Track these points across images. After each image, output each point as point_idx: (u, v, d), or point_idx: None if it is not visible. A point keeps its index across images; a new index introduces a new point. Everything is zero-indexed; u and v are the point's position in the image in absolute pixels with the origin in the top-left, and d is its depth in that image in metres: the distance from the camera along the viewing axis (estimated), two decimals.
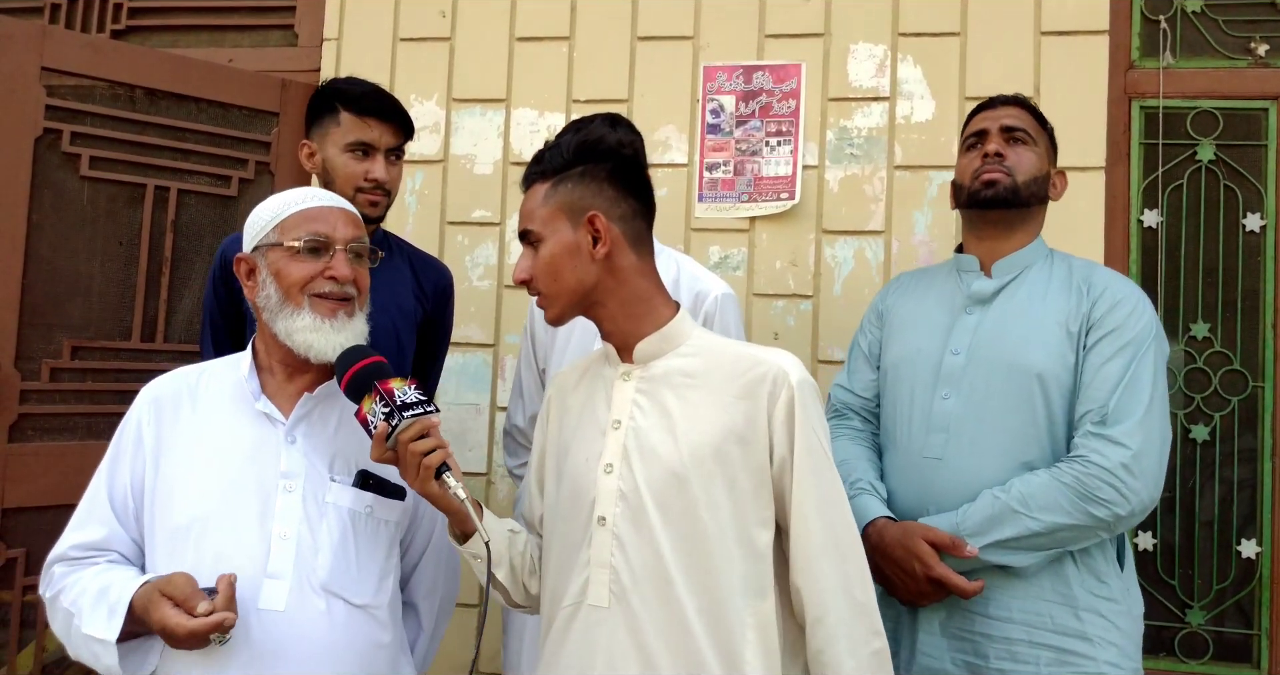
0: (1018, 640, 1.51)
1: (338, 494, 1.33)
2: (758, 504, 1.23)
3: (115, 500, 1.33)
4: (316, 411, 1.37)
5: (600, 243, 1.25)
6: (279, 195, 1.40)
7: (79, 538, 1.32)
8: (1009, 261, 1.67)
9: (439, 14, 2.57)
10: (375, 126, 1.85)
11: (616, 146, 1.30)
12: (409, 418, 1.22)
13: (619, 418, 1.27)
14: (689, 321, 1.32)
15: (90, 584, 1.26)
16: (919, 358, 1.67)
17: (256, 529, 1.28)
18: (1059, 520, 1.48)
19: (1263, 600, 2.23)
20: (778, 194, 2.38)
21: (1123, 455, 1.48)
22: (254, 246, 1.37)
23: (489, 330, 2.50)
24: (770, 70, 2.40)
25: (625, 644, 1.20)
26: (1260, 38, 2.35)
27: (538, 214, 1.27)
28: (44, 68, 2.24)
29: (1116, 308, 1.57)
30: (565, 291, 1.27)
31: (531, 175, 1.31)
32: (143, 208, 2.38)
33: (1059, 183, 1.73)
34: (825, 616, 1.20)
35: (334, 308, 1.33)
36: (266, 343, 1.38)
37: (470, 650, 2.44)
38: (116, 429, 1.38)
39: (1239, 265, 2.31)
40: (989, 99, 1.76)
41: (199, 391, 1.38)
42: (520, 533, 1.39)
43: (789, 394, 1.22)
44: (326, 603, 1.28)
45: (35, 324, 2.25)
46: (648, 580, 1.20)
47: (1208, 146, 2.33)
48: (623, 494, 1.24)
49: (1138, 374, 1.52)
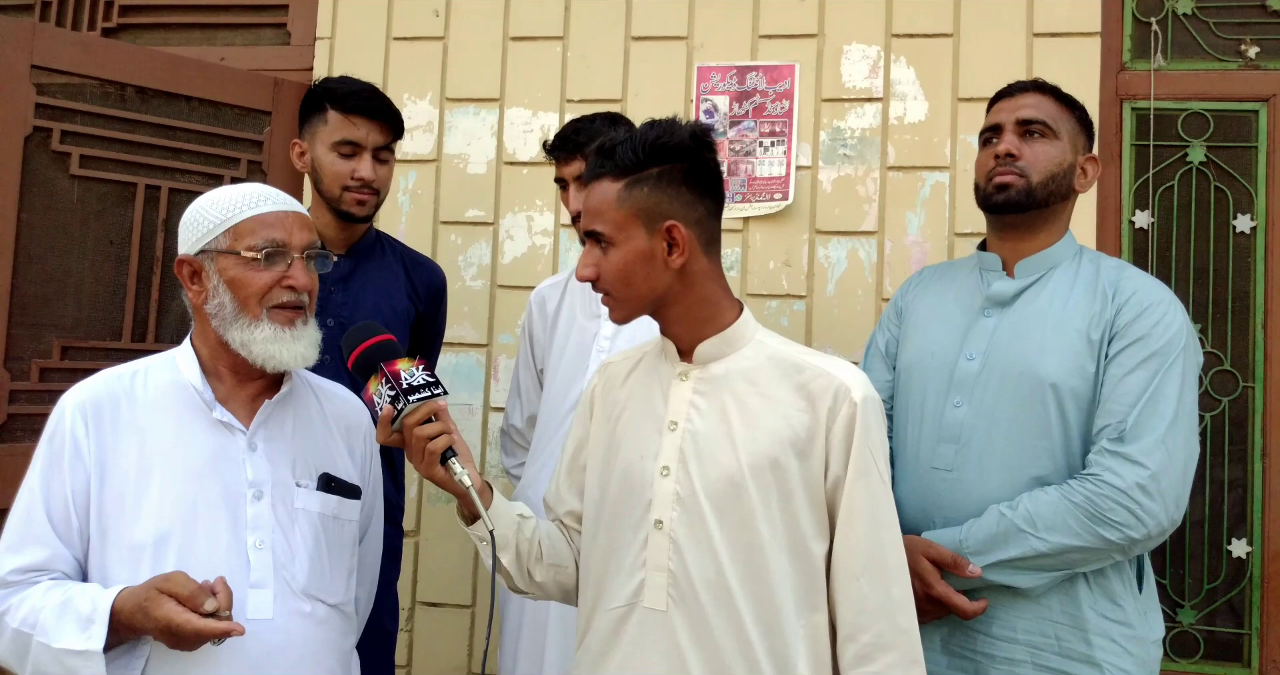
0: (1020, 661, 1.44)
1: (305, 499, 1.32)
2: (813, 517, 1.21)
3: (55, 517, 1.24)
4: (273, 416, 1.34)
5: (677, 251, 1.21)
6: (222, 193, 1.34)
7: (18, 561, 1.23)
8: (1033, 261, 1.57)
9: (432, 13, 2.57)
10: (362, 125, 1.84)
11: (692, 144, 1.22)
12: (415, 401, 1.20)
13: (675, 419, 1.25)
14: (752, 324, 1.29)
15: (43, 601, 1.20)
16: (932, 362, 1.58)
17: (230, 540, 1.25)
18: (1067, 542, 1.40)
19: (1253, 600, 2.24)
20: (771, 194, 2.38)
21: (1139, 475, 1.39)
22: (200, 249, 1.30)
23: (482, 330, 2.49)
24: (764, 71, 2.41)
25: (688, 647, 1.19)
26: (1250, 40, 2.36)
27: (609, 216, 1.21)
28: (34, 65, 2.23)
29: (1144, 315, 1.46)
30: (636, 297, 1.24)
31: (600, 170, 1.24)
32: (134, 207, 2.37)
33: (1089, 169, 1.60)
34: (859, 635, 1.18)
35: (291, 317, 1.30)
36: (212, 348, 1.32)
37: (460, 651, 2.44)
38: (42, 436, 1.29)
39: (1229, 266, 2.32)
40: (1008, 86, 1.64)
41: (136, 396, 1.31)
42: (530, 518, 1.36)
43: (850, 411, 1.20)
44: (310, 606, 1.29)
45: (25, 323, 2.24)
46: (706, 587, 1.19)
47: (1198, 148, 2.34)
48: (680, 498, 1.22)
49: (1162, 387, 1.42)
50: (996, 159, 1.57)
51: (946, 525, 1.50)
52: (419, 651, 2.45)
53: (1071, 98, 1.63)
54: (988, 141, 1.62)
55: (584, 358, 1.88)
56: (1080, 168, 1.60)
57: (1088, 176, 1.61)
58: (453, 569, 2.45)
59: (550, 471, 1.80)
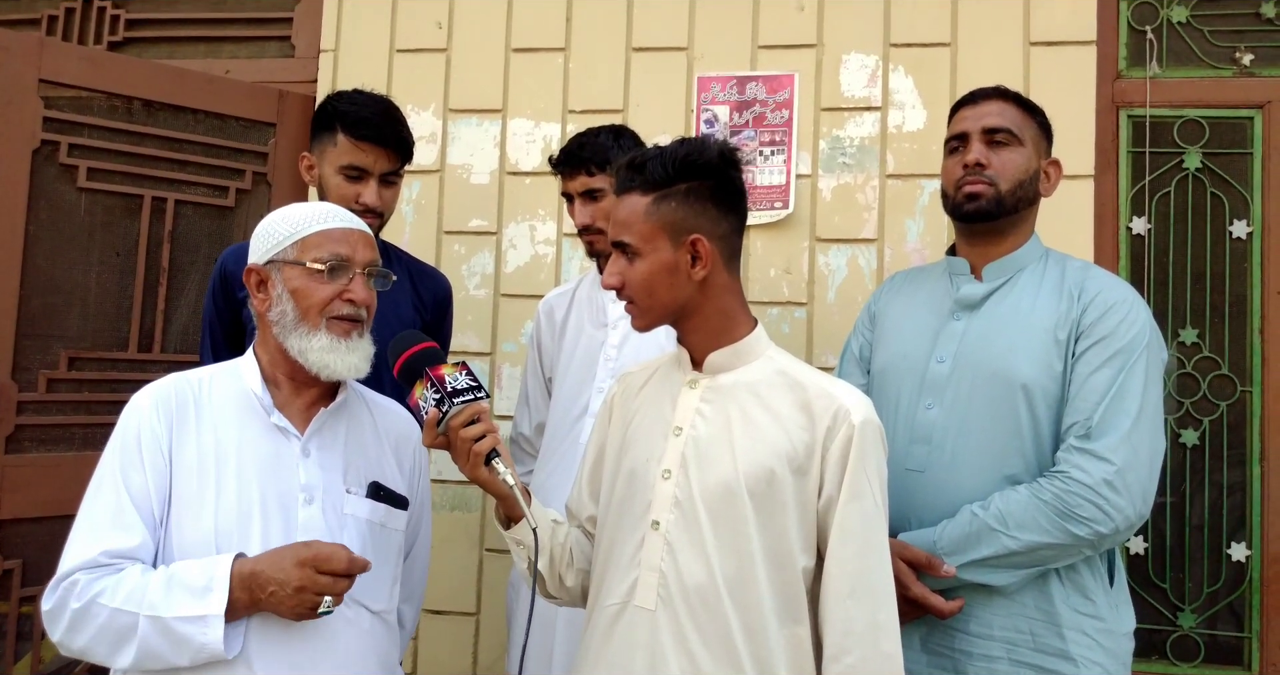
0: (998, 658, 1.47)
1: (354, 506, 1.35)
2: (801, 532, 1.23)
3: (141, 506, 1.27)
4: (327, 425, 1.38)
5: (700, 264, 1.26)
6: (295, 209, 1.40)
7: (110, 544, 1.23)
8: (1000, 265, 1.61)
9: (435, 25, 2.59)
10: (370, 152, 1.84)
11: (720, 163, 1.27)
12: (459, 404, 1.23)
13: (680, 424, 1.29)
14: (764, 340, 1.32)
15: (144, 580, 1.21)
16: (904, 365, 1.62)
17: (281, 542, 1.28)
18: (1038, 539, 1.43)
19: (1253, 603, 2.26)
20: (771, 203, 2.40)
21: (1105, 471, 1.42)
22: (268, 259, 1.36)
23: (486, 339, 2.51)
24: (764, 80, 2.43)
25: (669, 647, 1.21)
26: (1245, 47, 2.38)
27: (637, 228, 1.26)
28: (41, 79, 2.26)
29: (1108, 314, 1.50)
30: (658, 307, 1.28)
31: (630, 184, 1.28)
32: (140, 219, 2.39)
33: (1052, 173, 1.64)
34: (843, 656, 1.20)
35: (348, 328, 1.34)
36: (272, 355, 1.38)
37: (464, 659, 2.44)
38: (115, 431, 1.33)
39: (1226, 271, 2.34)
40: (970, 93, 1.68)
41: (203, 399, 1.36)
42: (563, 524, 1.41)
43: (848, 432, 1.22)
44: (354, 612, 1.31)
45: (32, 335, 2.26)
46: (695, 589, 1.22)
47: (1194, 155, 2.36)
48: (678, 501, 1.25)
49: (1126, 384, 1.46)
50: (965, 168, 1.59)
51: (921, 525, 1.53)
52: (424, 659, 2.46)
53: (1032, 103, 1.66)
54: (954, 150, 1.65)
55: (591, 366, 1.89)
56: (1044, 172, 1.63)
57: (1051, 180, 1.65)
58: (457, 577, 2.46)
59: (558, 478, 1.82)
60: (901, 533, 1.53)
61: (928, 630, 1.53)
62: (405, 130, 1.91)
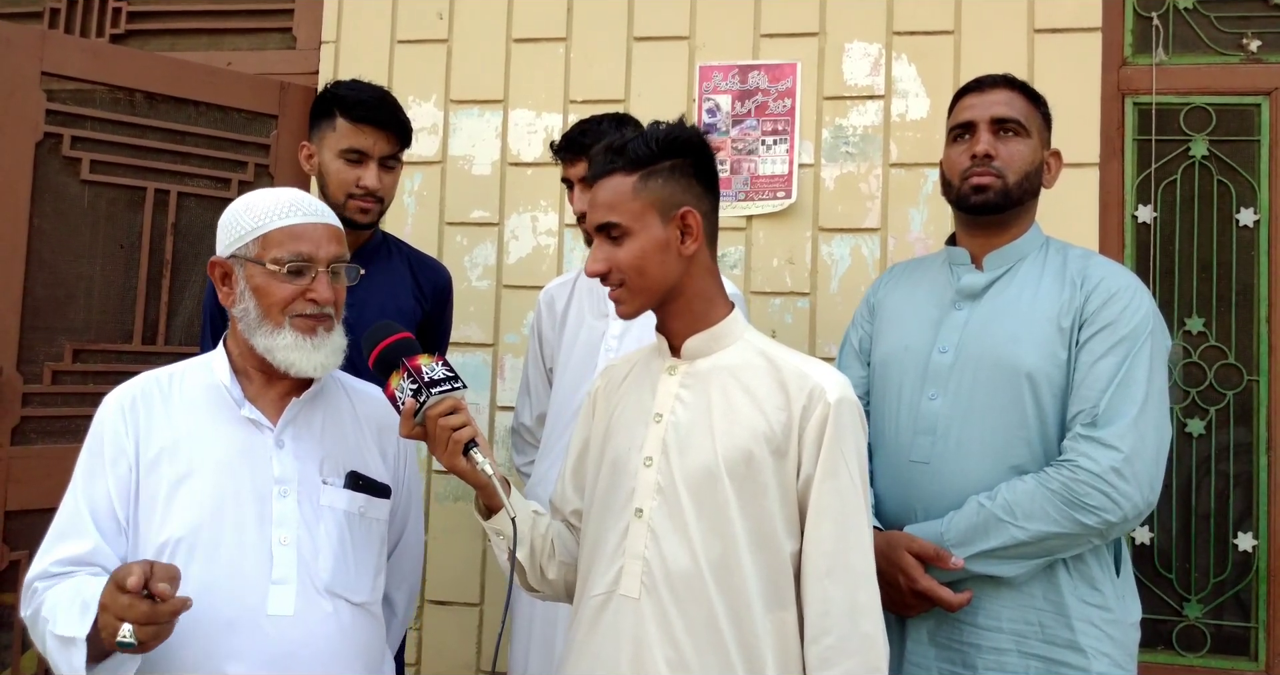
0: (1007, 650, 1.46)
1: (331, 496, 1.33)
2: (785, 514, 1.22)
3: (99, 514, 1.26)
4: (302, 415, 1.36)
5: (691, 238, 1.26)
6: (259, 197, 1.35)
7: (62, 552, 1.24)
8: (1001, 253, 1.59)
9: (436, 16, 2.59)
10: (370, 134, 1.85)
11: (698, 140, 1.29)
12: (437, 394, 1.23)
13: (660, 411, 1.28)
14: (741, 323, 1.32)
15: (67, 591, 1.20)
16: (906, 356, 1.60)
17: (255, 536, 1.26)
18: (1046, 529, 1.41)
19: (1260, 593, 2.25)
20: (774, 192, 2.39)
21: (1113, 459, 1.41)
22: (231, 254, 1.33)
23: (488, 330, 2.51)
24: (766, 69, 2.42)
25: (654, 636, 1.21)
26: (1252, 33, 2.36)
27: (625, 207, 1.25)
28: (44, 72, 2.26)
29: (1111, 301, 1.49)
30: (649, 287, 1.26)
31: (611, 166, 1.27)
32: (143, 211, 2.39)
33: (1054, 164, 1.63)
34: (822, 637, 1.19)
35: (313, 325, 1.31)
36: (242, 348, 1.35)
37: (468, 649, 2.45)
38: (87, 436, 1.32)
39: (1233, 260, 2.32)
40: (975, 80, 1.65)
41: (171, 395, 1.34)
42: (544, 515, 1.40)
43: (823, 411, 1.21)
44: (333, 605, 1.29)
45: (37, 327, 2.27)
46: (680, 576, 1.21)
47: (1200, 142, 2.34)
48: (660, 487, 1.25)
49: (1131, 372, 1.44)
50: (973, 158, 1.57)
51: (927, 517, 1.51)
52: (428, 649, 2.47)
53: (1036, 92, 1.64)
54: (958, 138, 1.62)
55: (592, 356, 1.89)
56: (1045, 163, 1.62)
57: (1052, 172, 1.63)
58: (461, 567, 2.47)
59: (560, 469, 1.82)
60: (908, 525, 1.52)
61: (936, 623, 1.51)
62: (403, 115, 1.91)
